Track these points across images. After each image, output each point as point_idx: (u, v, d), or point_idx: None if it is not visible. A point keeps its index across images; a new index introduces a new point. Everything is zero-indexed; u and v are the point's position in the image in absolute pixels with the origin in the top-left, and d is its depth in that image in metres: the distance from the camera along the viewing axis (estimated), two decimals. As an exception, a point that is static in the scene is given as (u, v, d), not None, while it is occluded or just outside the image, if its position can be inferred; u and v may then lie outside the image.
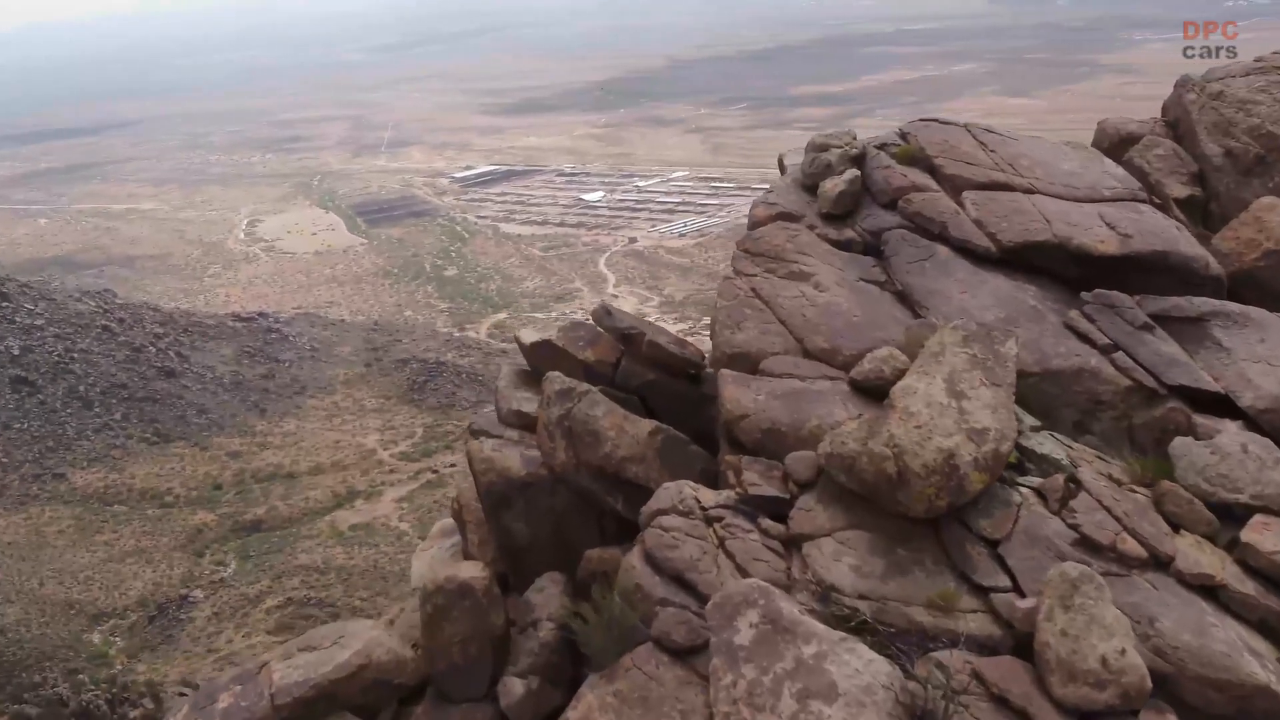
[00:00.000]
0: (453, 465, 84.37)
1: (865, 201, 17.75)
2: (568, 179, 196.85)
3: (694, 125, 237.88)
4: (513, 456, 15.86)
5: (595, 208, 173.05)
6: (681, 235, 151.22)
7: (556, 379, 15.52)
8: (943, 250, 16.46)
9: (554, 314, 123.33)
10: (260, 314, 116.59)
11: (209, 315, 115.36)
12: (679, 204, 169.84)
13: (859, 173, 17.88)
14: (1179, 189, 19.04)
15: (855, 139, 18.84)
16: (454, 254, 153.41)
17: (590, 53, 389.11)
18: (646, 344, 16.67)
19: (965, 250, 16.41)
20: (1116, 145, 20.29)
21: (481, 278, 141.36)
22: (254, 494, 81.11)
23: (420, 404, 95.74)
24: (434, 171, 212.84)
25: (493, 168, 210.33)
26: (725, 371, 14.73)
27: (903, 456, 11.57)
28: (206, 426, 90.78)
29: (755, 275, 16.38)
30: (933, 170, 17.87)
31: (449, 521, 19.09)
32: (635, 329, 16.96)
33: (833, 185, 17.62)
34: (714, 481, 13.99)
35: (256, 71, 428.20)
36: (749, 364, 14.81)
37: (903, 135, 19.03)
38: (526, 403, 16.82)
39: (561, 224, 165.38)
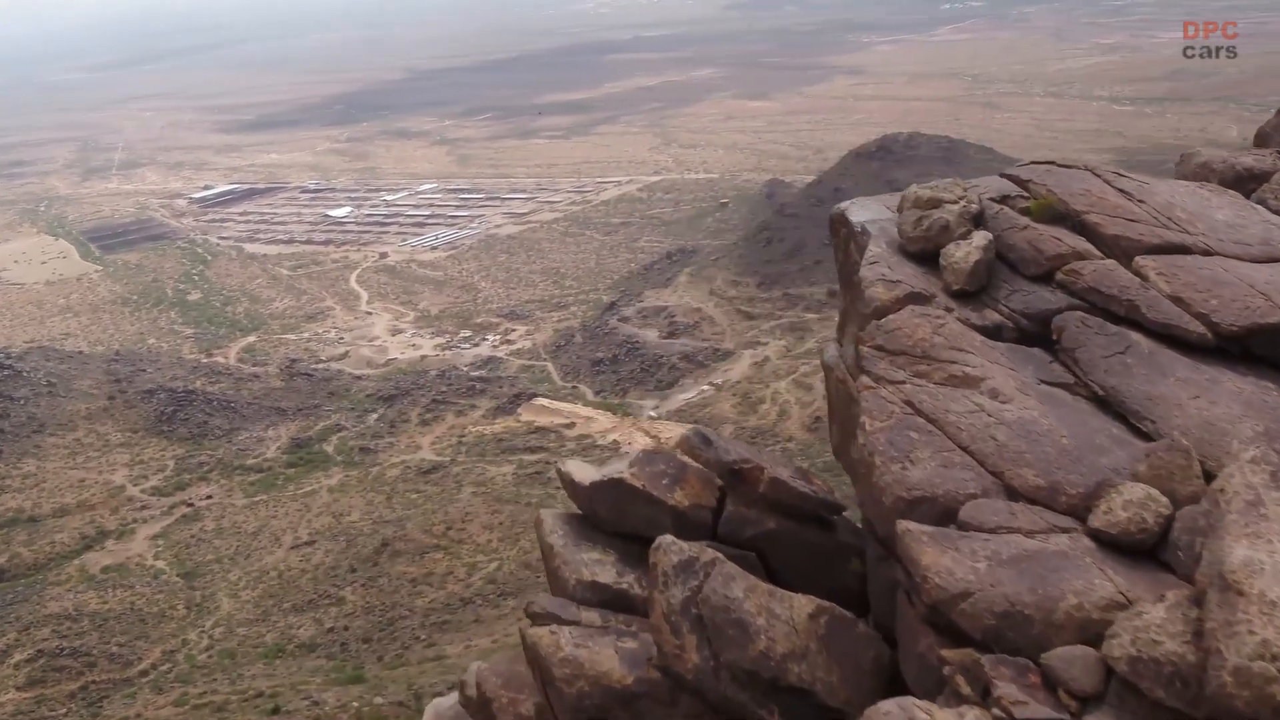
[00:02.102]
0: (209, 497, 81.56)
1: (1000, 272, 13.71)
2: (312, 195, 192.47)
3: (439, 137, 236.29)
4: (606, 655, 12.17)
5: (343, 224, 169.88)
6: (434, 248, 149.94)
7: (673, 547, 11.79)
8: (1141, 339, 12.54)
9: (306, 334, 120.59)
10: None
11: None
12: (429, 217, 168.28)
13: (991, 235, 13.79)
14: None
15: (965, 190, 14.52)
16: (196, 277, 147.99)
17: (326, 66, 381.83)
18: (767, 482, 13.24)
19: (1167, 338, 12.54)
20: (1231, 184, 16.03)
21: (227, 300, 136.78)
22: (-7, 542, 76.48)
23: (170, 435, 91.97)
24: (170, 192, 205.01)
25: (233, 186, 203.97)
26: (913, 527, 10.56)
27: None
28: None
29: (903, 382, 12.35)
30: (1084, 229, 13.88)
31: (446, 703, 15.10)
32: (749, 462, 13.51)
33: (965, 254, 13.46)
34: (889, 676, 11.12)
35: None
36: (937, 512, 10.85)
37: (1020, 182, 14.91)
38: (601, 569, 13.40)
39: (309, 241, 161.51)
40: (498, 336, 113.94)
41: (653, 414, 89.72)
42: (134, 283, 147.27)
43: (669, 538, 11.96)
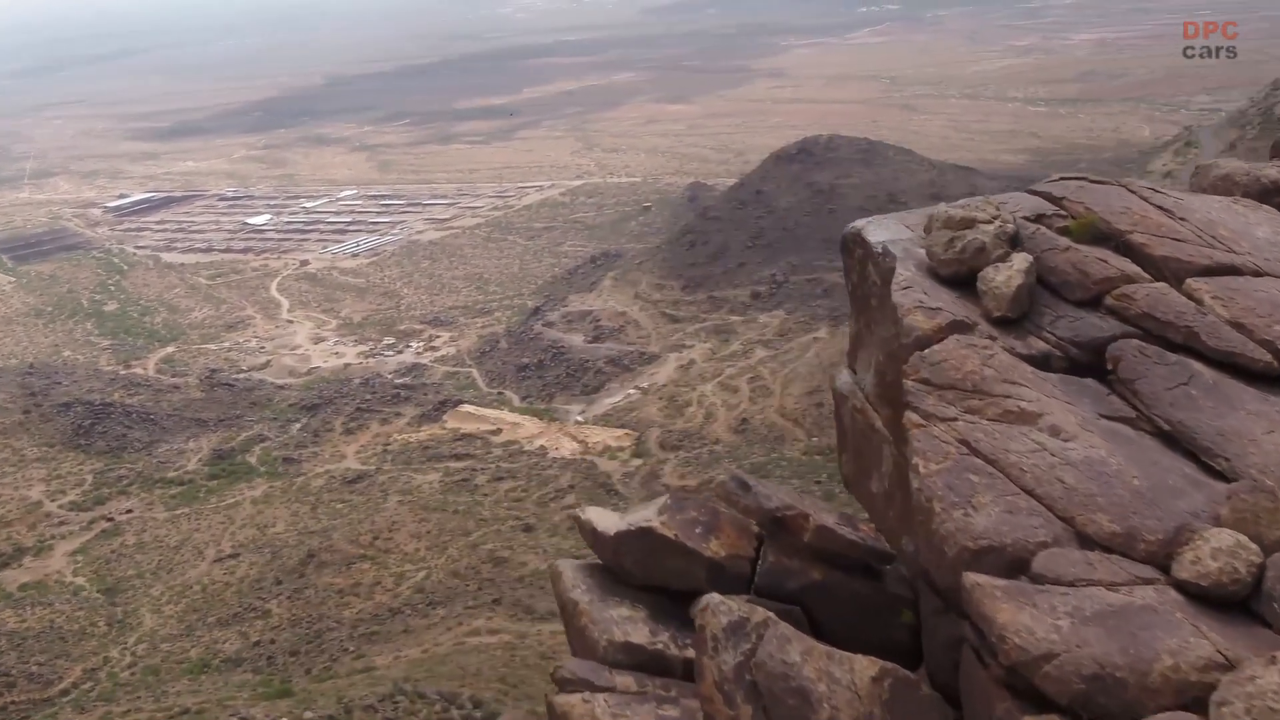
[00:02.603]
0: (129, 511, 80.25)
1: (1042, 298, 12.59)
2: (230, 203, 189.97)
3: (358, 143, 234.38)
4: None
5: (262, 231, 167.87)
6: (355, 255, 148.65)
7: (721, 607, 10.71)
8: (1203, 369, 11.51)
9: (226, 344, 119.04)
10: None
11: None
12: (350, 223, 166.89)
13: (1031, 257, 12.68)
14: None
15: (998, 209, 13.36)
16: (113, 288, 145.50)
17: (243, 72, 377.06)
18: (813, 530, 12.48)
19: (1229, 367, 11.53)
20: (1256, 197, 15.11)
21: (145, 311, 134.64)
22: (-96, 563, 74.67)
23: (88, 449, 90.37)
24: (84, 202, 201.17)
25: (149, 195, 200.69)
26: (983, 580, 9.66)
27: None
28: None
29: (955, 419, 11.23)
30: (1129, 250, 12.86)
31: None
32: (792, 509, 12.74)
33: (1006, 278, 12.36)
34: None
35: None
36: (1006, 563, 9.89)
37: (1053, 200, 13.91)
38: (633, 628, 12.36)
39: (228, 250, 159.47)
40: (421, 343, 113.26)
41: (579, 419, 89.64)
42: (48, 294, 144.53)
43: (716, 597, 10.96)
